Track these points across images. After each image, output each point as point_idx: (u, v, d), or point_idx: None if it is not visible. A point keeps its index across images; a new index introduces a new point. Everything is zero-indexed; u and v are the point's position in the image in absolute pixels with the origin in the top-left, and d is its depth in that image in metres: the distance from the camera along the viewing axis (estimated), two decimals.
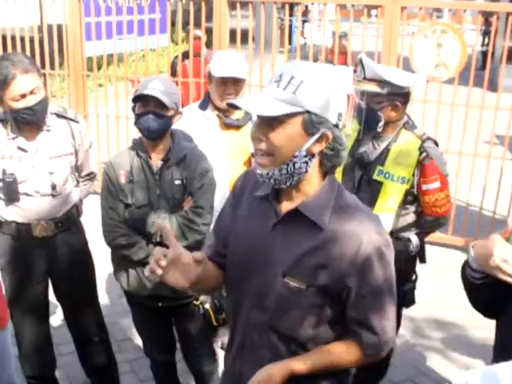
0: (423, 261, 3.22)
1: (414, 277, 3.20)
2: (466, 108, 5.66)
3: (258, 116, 1.61)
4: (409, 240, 3.09)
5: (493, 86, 5.95)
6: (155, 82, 2.62)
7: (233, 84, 3.13)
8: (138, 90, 2.68)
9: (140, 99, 2.64)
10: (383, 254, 1.68)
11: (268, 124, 1.59)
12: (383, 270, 1.69)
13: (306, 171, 1.64)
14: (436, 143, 3.04)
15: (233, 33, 6.09)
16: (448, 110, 5.69)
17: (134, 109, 2.70)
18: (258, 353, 1.80)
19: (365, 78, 2.89)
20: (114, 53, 6.68)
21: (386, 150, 2.99)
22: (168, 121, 2.66)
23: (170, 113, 2.66)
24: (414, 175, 2.96)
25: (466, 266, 1.75)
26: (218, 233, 1.97)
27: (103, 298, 3.75)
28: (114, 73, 7.12)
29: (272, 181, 1.65)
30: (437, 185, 2.97)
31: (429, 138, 3.00)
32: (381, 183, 2.99)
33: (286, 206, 1.72)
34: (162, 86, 2.61)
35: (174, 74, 6.82)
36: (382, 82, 2.88)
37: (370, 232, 1.66)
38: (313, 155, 1.63)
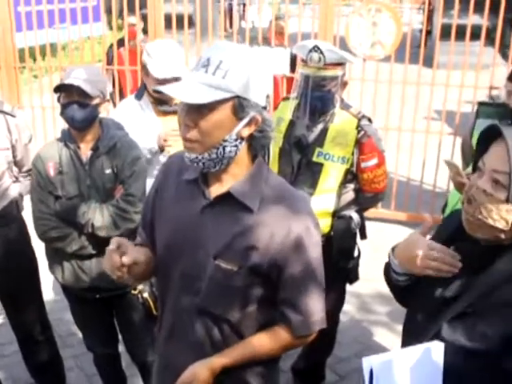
0: (364, 237, 3.25)
1: (356, 253, 3.23)
2: (403, 85, 5.74)
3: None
4: (350, 218, 3.12)
5: (430, 63, 6.03)
6: (78, 71, 2.57)
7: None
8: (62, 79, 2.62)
9: (62, 89, 2.58)
10: (312, 235, 1.69)
11: (197, 110, 1.56)
12: (312, 251, 1.70)
13: (236, 154, 1.63)
14: (370, 120, 3.07)
15: (170, 18, 6.00)
16: (386, 87, 5.75)
17: (59, 99, 2.63)
18: (190, 337, 1.79)
19: (325, 64, 2.85)
20: (46, 43, 6.49)
21: (324, 131, 2.98)
22: (93, 110, 2.60)
23: (95, 101, 2.60)
24: (353, 154, 2.98)
25: (389, 270, 1.74)
26: (144, 218, 1.95)
27: (47, 294, 3.67)
28: (48, 64, 6.94)
29: (201, 164, 1.63)
30: (375, 161, 3.00)
31: (364, 116, 3.03)
32: (321, 165, 2.99)
33: (215, 190, 1.70)
34: (85, 75, 2.55)
35: (109, 62, 6.70)
36: (340, 64, 2.88)
37: (298, 213, 1.67)
38: (242, 139, 1.62)
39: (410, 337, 1.57)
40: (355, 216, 3.12)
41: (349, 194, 3.10)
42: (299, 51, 2.90)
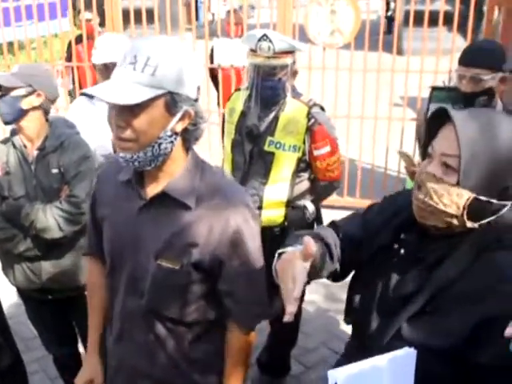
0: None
1: None
2: (363, 72, 5.73)
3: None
4: (305, 207, 3.10)
5: (397, 50, 6.05)
6: (14, 68, 2.56)
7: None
8: None
9: None
10: (250, 226, 1.68)
11: (129, 110, 1.50)
12: (252, 243, 1.69)
13: (171, 150, 1.61)
14: (322, 108, 3.05)
15: (132, 12, 5.91)
16: (347, 75, 5.75)
17: None
18: (139, 339, 1.77)
19: (275, 53, 2.82)
20: (14, 40, 6.37)
21: (275, 120, 2.96)
22: (14, 100, 2.51)
23: (16, 92, 2.51)
24: (304, 142, 2.96)
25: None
26: (90, 227, 1.94)
27: (8, 296, 3.61)
28: (15, 61, 6.79)
29: (136, 164, 1.60)
30: (327, 149, 2.98)
31: (315, 104, 3.00)
32: (273, 154, 2.97)
33: (151, 189, 1.68)
34: (17, 69, 2.54)
35: (69, 59, 6.60)
36: (289, 53, 2.86)
37: (236, 205, 1.65)
38: (177, 134, 1.59)
39: (368, 340, 1.53)
40: (310, 206, 3.10)
41: (303, 184, 3.08)
42: (248, 41, 2.86)
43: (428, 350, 1.36)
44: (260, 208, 3.00)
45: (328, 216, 2.66)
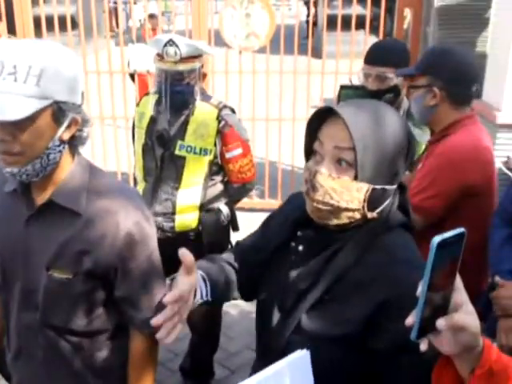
0: (236, 229, 3.24)
1: (229, 246, 3.21)
2: (280, 75, 5.78)
3: None
4: (219, 210, 3.10)
5: (315, 53, 6.14)
6: None
7: None
8: None
9: None
10: (143, 229, 1.64)
11: (14, 124, 1.42)
12: (145, 246, 1.65)
13: (60, 159, 1.55)
14: (233, 110, 3.06)
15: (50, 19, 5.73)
16: (264, 78, 5.78)
17: None
18: (38, 354, 1.69)
19: (182, 58, 2.80)
20: None
21: (185, 124, 2.94)
22: None
23: None
24: (215, 145, 2.96)
25: None
26: None
27: None
28: None
29: (24, 176, 1.53)
30: (239, 151, 3.00)
31: (225, 106, 3.01)
32: (184, 158, 2.95)
33: (39, 198, 1.61)
34: None
35: None
36: (197, 57, 2.84)
37: (126, 209, 1.61)
38: (64, 142, 1.54)
39: (270, 337, 1.52)
40: (224, 208, 3.10)
41: (216, 187, 3.08)
42: (155, 46, 2.83)
43: (328, 339, 1.38)
44: (173, 213, 2.97)
45: (250, 219, 2.66)
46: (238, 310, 4.16)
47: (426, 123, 2.50)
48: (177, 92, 2.85)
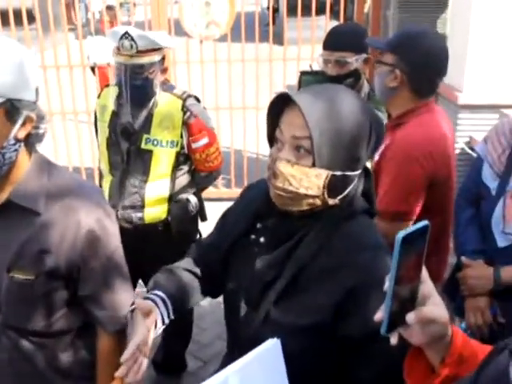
0: (204, 219, 3.23)
1: (198, 236, 3.20)
2: (242, 63, 5.75)
3: None
4: (188, 200, 3.09)
5: (278, 40, 6.11)
6: None
7: None
8: None
9: None
10: (105, 226, 1.61)
11: None
12: (107, 243, 1.62)
13: (16, 158, 1.50)
14: (197, 99, 3.03)
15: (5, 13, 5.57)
16: (226, 67, 5.75)
17: None
18: (2, 358, 1.65)
19: (138, 51, 2.74)
20: None
21: (149, 117, 2.90)
22: None
23: None
24: (181, 136, 2.93)
25: None
26: None
27: None
28: None
29: None
30: (205, 141, 2.98)
31: (189, 96, 2.97)
32: (151, 151, 2.91)
33: None
34: None
35: None
36: (157, 50, 2.79)
37: (87, 206, 1.57)
38: (20, 140, 1.49)
39: (239, 331, 1.51)
40: (192, 199, 3.09)
41: (184, 177, 3.06)
42: (112, 38, 2.77)
43: (298, 329, 1.37)
44: (142, 206, 2.95)
45: (217, 208, 2.64)
46: (209, 301, 4.11)
47: (384, 103, 2.48)
48: (136, 86, 2.80)
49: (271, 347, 1.35)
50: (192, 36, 5.60)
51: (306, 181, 1.36)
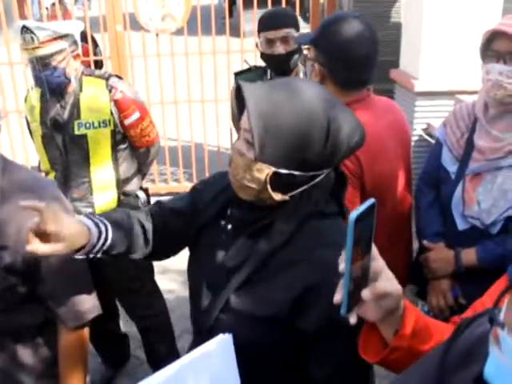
0: None
1: None
2: (199, 56, 5.72)
3: None
4: (136, 196, 3.15)
5: (236, 33, 6.09)
6: None
7: None
8: None
9: None
10: None
11: None
12: None
13: None
14: (120, 77, 3.09)
15: None
16: (183, 60, 5.71)
17: None
18: None
19: (41, 42, 2.73)
20: None
21: (76, 103, 2.92)
22: None
23: None
24: (112, 114, 2.95)
25: None
26: None
27: None
28: None
29: None
30: (137, 115, 3.01)
31: (110, 75, 3.03)
32: (85, 136, 2.93)
33: None
34: None
35: None
36: (59, 38, 2.77)
37: (44, 200, 1.54)
38: None
39: (200, 317, 1.51)
40: (141, 194, 3.17)
41: (126, 162, 3.09)
42: (17, 35, 2.76)
43: (255, 318, 1.38)
44: (91, 194, 2.98)
45: None
46: (174, 296, 4.14)
47: None
48: (48, 76, 2.80)
49: (223, 342, 1.34)
50: (148, 29, 5.54)
51: (249, 173, 1.36)
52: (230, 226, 1.51)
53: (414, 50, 4.92)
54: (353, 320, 1.06)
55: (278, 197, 1.37)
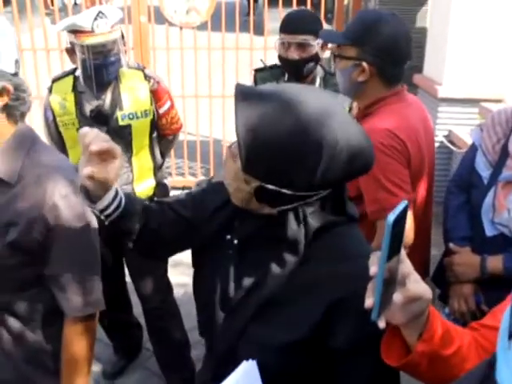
0: None
1: None
2: (222, 51, 5.71)
3: None
4: (166, 185, 3.28)
5: (259, 31, 6.09)
6: None
7: None
8: None
9: None
10: (72, 205, 1.58)
11: None
12: (72, 222, 1.58)
13: None
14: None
15: None
16: (206, 54, 5.71)
17: None
18: None
19: (111, 27, 2.75)
20: None
21: (117, 94, 2.92)
22: None
23: None
24: (151, 104, 2.99)
25: None
26: None
27: None
28: None
29: None
30: (168, 104, 3.09)
31: (144, 67, 3.13)
32: (129, 126, 2.93)
33: None
34: None
35: None
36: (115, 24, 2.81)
37: (56, 181, 1.56)
38: None
39: (215, 342, 1.42)
40: (168, 185, 3.29)
41: (156, 147, 3.16)
42: (82, 23, 2.66)
43: (278, 347, 1.29)
44: (132, 182, 3.02)
45: None
46: (184, 290, 4.12)
47: (351, 98, 2.42)
48: (108, 64, 2.80)
49: (248, 369, 1.27)
50: (172, 22, 5.54)
51: (237, 181, 1.27)
52: (236, 241, 1.41)
53: (438, 56, 4.89)
54: (382, 324, 1.03)
55: (265, 210, 1.30)
